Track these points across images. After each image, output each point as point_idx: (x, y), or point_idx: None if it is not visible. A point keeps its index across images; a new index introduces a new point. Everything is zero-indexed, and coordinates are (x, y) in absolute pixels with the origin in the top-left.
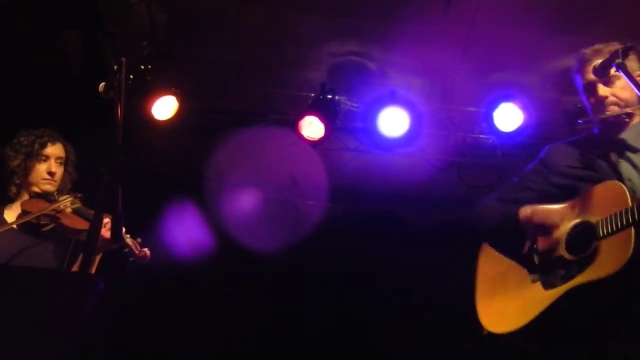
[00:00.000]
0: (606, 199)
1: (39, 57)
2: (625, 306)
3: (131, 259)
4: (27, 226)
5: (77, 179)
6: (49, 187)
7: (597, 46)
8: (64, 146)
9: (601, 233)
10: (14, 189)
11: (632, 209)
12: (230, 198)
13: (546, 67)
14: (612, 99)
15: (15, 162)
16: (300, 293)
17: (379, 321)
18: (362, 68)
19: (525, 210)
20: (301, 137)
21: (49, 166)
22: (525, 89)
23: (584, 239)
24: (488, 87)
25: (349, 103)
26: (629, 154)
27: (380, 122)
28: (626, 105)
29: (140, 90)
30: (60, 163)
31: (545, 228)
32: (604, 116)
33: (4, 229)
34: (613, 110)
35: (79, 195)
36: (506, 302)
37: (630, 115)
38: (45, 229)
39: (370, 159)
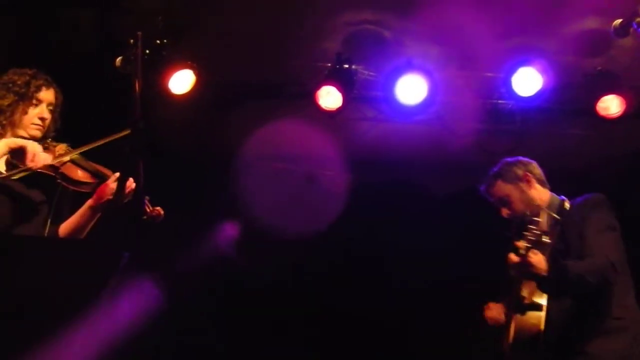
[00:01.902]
0: None
1: (54, 33)
2: None
3: (144, 217)
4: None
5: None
6: (37, 133)
7: None
8: (56, 92)
9: None
10: None
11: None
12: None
13: (565, 30)
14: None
15: (6, 101)
16: (322, 264)
17: (399, 291)
18: (378, 37)
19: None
20: (319, 107)
21: (41, 111)
22: (544, 53)
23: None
24: (506, 51)
25: (366, 72)
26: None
27: (398, 90)
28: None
29: (156, 64)
30: (51, 109)
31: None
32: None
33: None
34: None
35: (69, 144)
36: None
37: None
38: (37, 176)
39: (388, 127)
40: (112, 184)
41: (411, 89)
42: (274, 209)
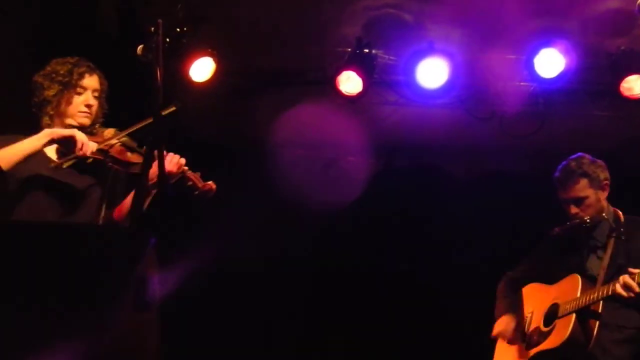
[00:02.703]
0: (568, 287)
1: (75, 22)
2: None
3: (196, 192)
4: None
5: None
6: (86, 120)
7: None
8: (100, 78)
9: (559, 314)
10: (47, 120)
11: (577, 300)
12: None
13: (588, 10)
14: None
15: (51, 92)
16: (345, 248)
17: (421, 274)
18: (398, 20)
19: (498, 326)
20: (339, 93)
21: (87, 99)
22: (566, 33)
23: (554, 316)
24: (528, 33)
25: (386, 56)
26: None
27: (419, 73)
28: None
29: (176, 53)
30: (96, 96)
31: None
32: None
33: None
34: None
35: (117, 129)
36: (507, 355)
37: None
38: (88, 162)
39: (410, 111)
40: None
41: (432, 73)
42: (296, 194)
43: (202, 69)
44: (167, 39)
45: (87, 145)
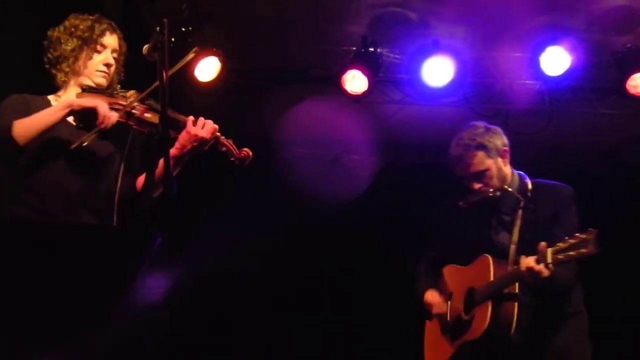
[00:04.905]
0: (481, 270)
1: None
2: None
3: (232, 159)
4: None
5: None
6: (103, 81)
7: None
8: (120, 39)
9: (475, 301)
10: (62, 77)
11: (491, 284)
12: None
13: (593, 8)
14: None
15: (69, 46)
16: (349, 245)
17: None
18: (403, 19)
19: (427, 296)
20: (344, 91)
21: (106, 57)
22: (572, 31)
23: (472, 303)
24: (534, 31)
25: (392, 55)
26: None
27: (424, 72)
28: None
29: (182, 52)
30: (115, 57)
31: (443, 309)
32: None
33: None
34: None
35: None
36: (434, 351)
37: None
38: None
39: (415, 110)
40: (192, 130)
41: (437, 71)
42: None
43: (207, 69)
44: (172, 39)
45: (109, 118)
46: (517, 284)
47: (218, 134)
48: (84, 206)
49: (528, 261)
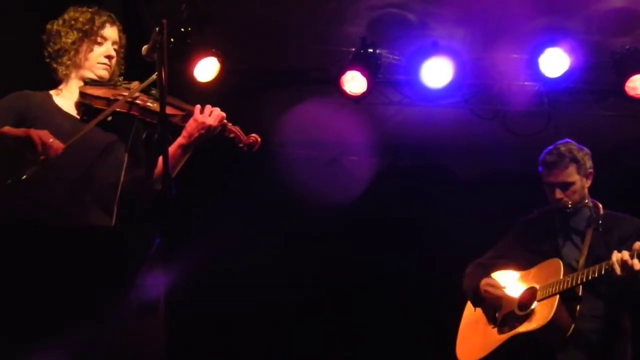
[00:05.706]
0: (549, 271)
1: None
2: (551, 357)
3: (240, 145)
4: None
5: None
6: (104, 73)
7: None
8: (119, 31)
9: (538, 297)
10: (63, 70)
11: (561, 281)
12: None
13: (592, 9)
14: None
15: (69, 39)
16: (347, 247)
17: (423, 273)
18: (402, 20)
19: (485, 282)
20: (344, 92)
21: (107, 49)
22: (571, 32)
23: (531, 300)
24: (533, 32)
25: (391, 56)
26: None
27: (423, 73)
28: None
29: (181, 53)
30: (116, 49)
31: (503, 293)
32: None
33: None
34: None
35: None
36: (474, 340)
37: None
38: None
39: (414, 111)
40: (199, 118)
41: (436, 72)
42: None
43: (206, 69)
44: (172, 39)
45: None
46: (581, 288)
47: (225, 121)
48: (87, 197)
49: (623, 254)
